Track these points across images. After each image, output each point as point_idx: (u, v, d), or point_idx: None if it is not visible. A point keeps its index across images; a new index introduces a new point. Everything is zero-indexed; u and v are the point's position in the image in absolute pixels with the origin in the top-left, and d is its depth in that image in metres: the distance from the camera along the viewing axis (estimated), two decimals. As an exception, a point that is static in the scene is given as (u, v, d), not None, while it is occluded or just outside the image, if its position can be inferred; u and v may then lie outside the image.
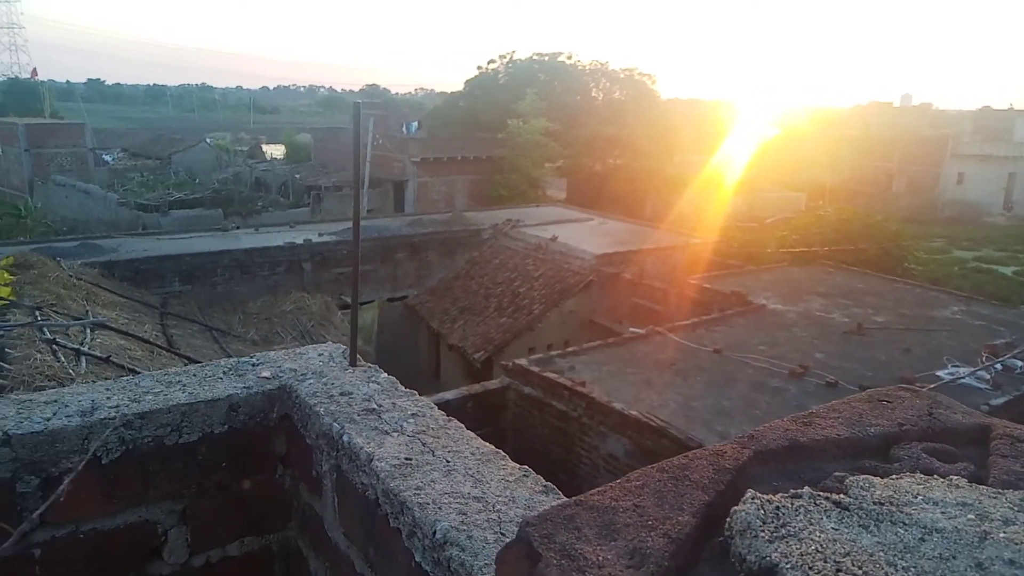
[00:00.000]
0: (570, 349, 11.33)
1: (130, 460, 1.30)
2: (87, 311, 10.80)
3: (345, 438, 1.24)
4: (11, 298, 10.55)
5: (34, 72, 63.85)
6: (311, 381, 1.48)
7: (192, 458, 1.37)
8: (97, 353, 8.70)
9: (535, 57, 40.11)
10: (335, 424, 1.28)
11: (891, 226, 21.04)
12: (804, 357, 10.48)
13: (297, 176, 36.84)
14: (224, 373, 1.49)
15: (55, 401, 1.33)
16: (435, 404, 1.40)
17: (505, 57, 40.77)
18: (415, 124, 35.29)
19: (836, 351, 10.99)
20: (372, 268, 17.96)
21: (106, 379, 6.67)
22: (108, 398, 1.35)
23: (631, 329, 12.40)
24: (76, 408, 1.30)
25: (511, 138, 33.13)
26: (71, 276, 12.42)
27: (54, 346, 8.55)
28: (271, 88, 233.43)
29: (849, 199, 34.38)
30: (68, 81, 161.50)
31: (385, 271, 18.23)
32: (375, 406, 1.35)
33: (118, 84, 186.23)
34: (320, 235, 17.80)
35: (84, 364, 8.34)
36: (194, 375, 1.46)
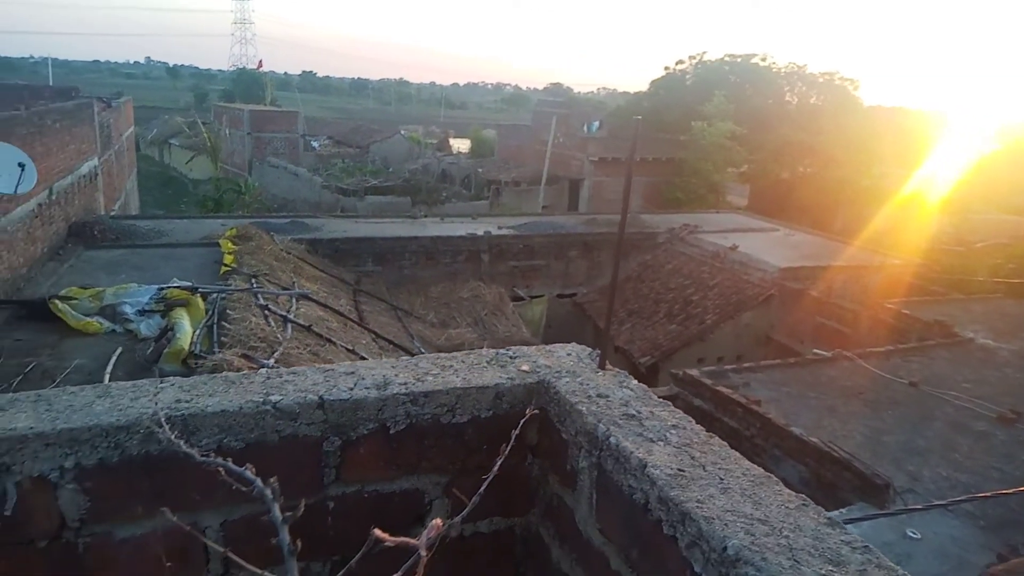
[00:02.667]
0: (746, 365, 10.88)
1: (411, 433, 1.44)
2: (294, 282, 11.96)
3: (612, 440, 1.29)
4: (233, 265, 11.97)
5: (260, 64, 71.19)
6: (567, 379, 1.55)
7: (460, 438, 1.49)
8: (301, 321, 9.64)
9: (726, 58, 38.68)
10: (600, 425, 1.34)
11: None
12: (1017, 401, 9.38)
13: (480, 170, 38.23)
14: (488, 363, 1.61)
15: (353, 373, 1.50)
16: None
17: (694, 58, 39.71)
18: (596, 123, 35.33)
19: (1059, 399, 9.71)
20: (544, 264, 18.30)
21: (307, 345, 7.36)
22: (396, 375, 1.50)
23: (815, 351, 11.68)
24: (372, 381, 1.46)
25: (694, 140, 32.22)
26: (282, 249, 13.80)
27: (266, 311, 9.60)
28: (461, 84, 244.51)
29: (1083, 227, 29.98)
30: (286, 72, 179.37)
31: (557, 267, 18.50)
32: (634, 412, 1.40)
33: (327, 76, 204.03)
34: (499, 228, 18.38)
35: (290, 330, 9.28)
36: (463, 361, 1.59)
